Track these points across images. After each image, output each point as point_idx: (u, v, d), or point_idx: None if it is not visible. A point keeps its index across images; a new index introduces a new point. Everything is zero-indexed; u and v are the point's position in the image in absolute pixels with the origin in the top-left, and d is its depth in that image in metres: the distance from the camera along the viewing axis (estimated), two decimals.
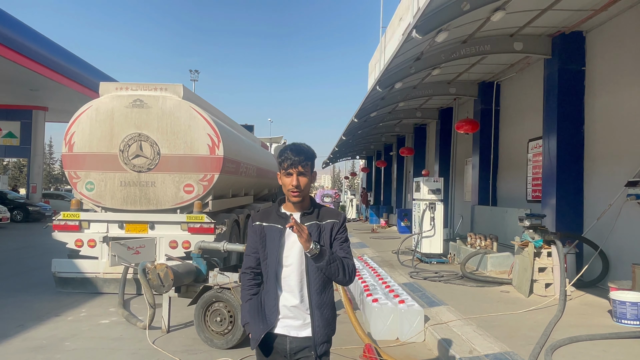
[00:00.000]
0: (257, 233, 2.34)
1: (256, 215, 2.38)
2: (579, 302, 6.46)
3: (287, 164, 2.21)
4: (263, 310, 2.31)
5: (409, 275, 8.42)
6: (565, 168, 8.03)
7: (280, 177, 2.28)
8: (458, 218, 13.61)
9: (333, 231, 2.30)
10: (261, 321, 2.29)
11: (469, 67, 10.04)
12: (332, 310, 2.35)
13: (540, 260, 6.79)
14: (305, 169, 2.23)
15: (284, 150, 2.27)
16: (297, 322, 2.27)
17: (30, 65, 16.54)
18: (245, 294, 2.39)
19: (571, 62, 8.08)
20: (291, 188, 2.22)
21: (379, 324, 5.39)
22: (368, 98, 10.07)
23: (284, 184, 2.25)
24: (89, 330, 5.58)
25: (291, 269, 2.26)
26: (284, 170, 2.24)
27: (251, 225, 2.37)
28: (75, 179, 7.74)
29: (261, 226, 2.33)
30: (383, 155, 25.30)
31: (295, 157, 2.21)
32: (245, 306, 2.38)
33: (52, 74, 17.95)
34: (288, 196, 2.27)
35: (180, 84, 7.81)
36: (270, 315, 2.27)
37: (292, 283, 2.26)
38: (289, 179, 2.22)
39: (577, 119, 8.06)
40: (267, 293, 2.30)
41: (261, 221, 2.34)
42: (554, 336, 4.77)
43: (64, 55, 18.99)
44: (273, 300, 2.27)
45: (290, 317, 2.27)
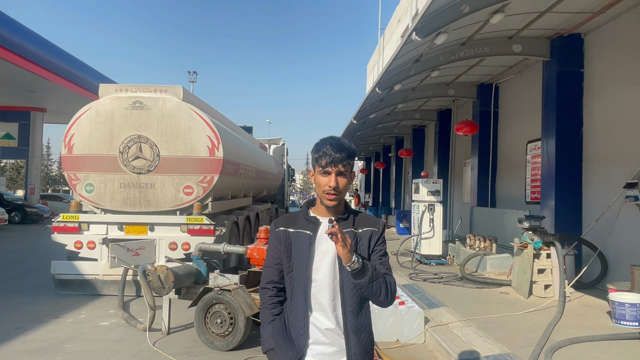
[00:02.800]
0: (280, 241, 1.98)
1: (280, 220, 2.04)
2: (578, 304, 6.48)
3: (326, 161, 1.88)
4: (289, 333, 1.94)
5: (408, 276, 8.43)
6: (563, 170, 8.06)
7: (314, 175, 1.95)
8: (457, 219, 13.64)
9: (371, 242, 1.97)
10: (289, 347, 1.92)
11: (467, 69, 10.07)
12: (371, 335, 1.99)
13: (539, 262, 6.81)
14: (346, 168, 1.91)
15: (321, 144, 1.93)
16: (330, 348, 1.91)
17: (28, 66, 16.50)
18: (267, 314, 2.02)
19: (569, 64, 8.12)
20: (327, 189, 1.88)
21: (379, 325, 5.38)
22: (367, 100, 10.09)
23: (319, 184, 1.91)
24: (89, 332, 5.57)
25: (322, 283, 1.91)
26: (320, 168, 1.90)
27: (274, 231, 2.01)
28: (74, 181, 7.73)
29: (286, 232, 1.97)
30: (382, 157, 25.35)
31: (336, 154, 1.89)
32: (267, 329, 2.00)
33: (50, 75, 17.92)
34: (322, 198, 1.92)
35: (180, 86, 7.82)
36: (299, 339, 1.91)
37: (323, 301, 1.91)
38: (326, 179, 1.89)
39: (575, 120, 8.09)
40: (293, 312, 1.94)
41: (286, 227, 1.99)
42: (553, 337, 4.79)
43: (62, 56, 18.96)
44: (302, 321, 1.91)
45: (322, 342, 1.91)
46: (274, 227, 2.03)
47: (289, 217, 2.05)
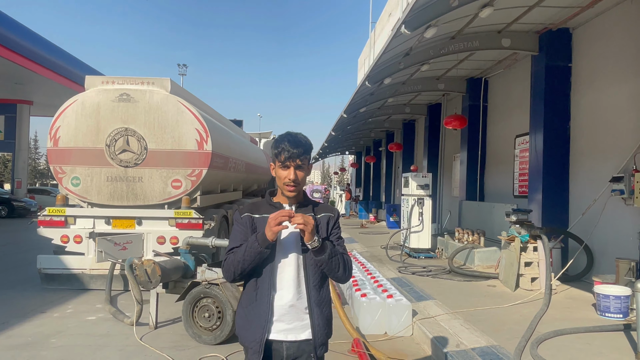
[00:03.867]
0: (247, 225, 2.13)
1: (244, 208, 2.20)
2: (564, 296, 6.56)
3: (285, 156, 2.06)
4: (257, 310, 2.10)
5: (397, 270, 8.47)
6: (551, 164, 8.12)
7: (275, 169, 2.13)
8: (446, 213, 13.73)
9: (329, 225, 2.19)
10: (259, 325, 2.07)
11: (457, 63, 10.09)
12: (330, 309, 2.21)
13: (526, 255, 6.87)
14: (303, 162, 2.10)
15: (280, 141, 2.10)
16: (294, 324, 2.10)
17: (13, 58, 16.22)
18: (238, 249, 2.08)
19: (558, 58, 8.16)
20: (287, 182, 2.08)
21: (367, 318, 5.42)
22: (357, 94, 10.07)
23: (279, 177, 2.10)
24: (75, 327, 5.52)
25: (287, 263, 2.10)
26: (280, 163, 2.08)
27: (239, 217, 2.15)
28: (60, 174, 7.63)
29: (251, 218, 2.14)
30: (372, 151, 25.38)
31: (294, 149, 2.06)
32: (243, 247, 2.06)
33: (36, 67, 17.62)
34: (283, 189, 2.12)
35: (168, 78, 7.73)
36: (263, 316, 2.08)
37: (288, 279, 2.10)
38: (286, 172, 2.08)
39: (563, 115, 8.15)
40: (258, 290, 2.10)
41: (251, 213, 2.16)
42: (539, 329, 4.85)
43: (49, 48, 18.66)
44: (266, 299, 2.08)
45: (286, 319, 2.09)
46: (239, 215, 2.18)
47: (253, 204, 2.22)
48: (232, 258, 2.08)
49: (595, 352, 4.26)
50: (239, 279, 2.11)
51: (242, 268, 2.05)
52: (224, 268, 2.11)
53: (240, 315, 2.16)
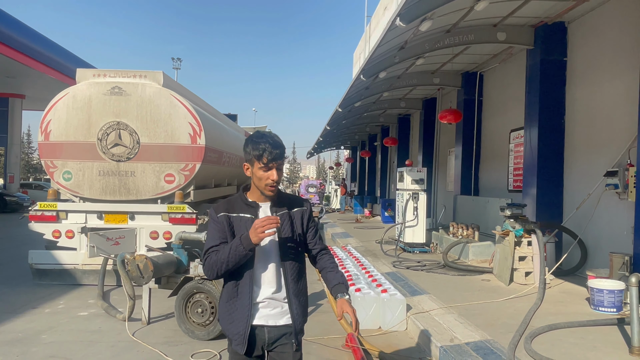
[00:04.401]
0: (223, 224, 2.18)
1: (219, 207, 2.23)
2: (558, 290, 6.57)
3: (268, 158, 2.11)
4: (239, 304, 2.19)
5: (391, 264, 8.45)
6: (545, 158, 8.12)
7: (252, 169, 2.16)
8: (441, 208, 13.73)
9: (304, 219, 2.33)
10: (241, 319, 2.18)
11: (452, 57, 10.03)
12: (307, 298, 2.36)
13: (520, 249, 6.87)
14: (283, 163, 2.20)
15: (257, 142, 2.13)
16: (274, 311, 2.23)
17: (4, 50, 16.01)
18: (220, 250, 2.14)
19: (553, 52, 8.13)
20: (270, 182, 2.15)
21: (361, 313, 5.39)
22: (352, 87, 10.01)
23: (260, 177, 2.14)
24: (66, 322, 5.47)
25: (266, 258, 2.21)
26: (262, 164, 2.12)
27: (215, 216, 2.20)
28: (52, 168, 7.55)
29: (228, 217, 2.19)
30: (367, 146, 25.33)
31: (276, 150, 2.13)
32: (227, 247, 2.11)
33: (28, 61, 17.40)
34: (263, 190, 2.18)
35: (160, 71, 7.65)
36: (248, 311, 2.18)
37: (268, 273, 2.21)
38: (269, 173, 2.14)
39: (558, 109, 8.13)
40: (241, 286, 2.18)
41: (227, 212, 2.20)
42: (533, 324, 4.84)
43: (41, 41, 18.42)
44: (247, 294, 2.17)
45: (267, 307, 2.22)
46: (215, 213, 2.21)
47: (227, 203, 2.26)
48: (214, 258, 2.12)
49: (589, 347, 4.26)
50: (221, 277, 2.18)
51: (226, 268, 2.10)
52: (205, 267, 2.15)
53: (222, 310, 2.25)
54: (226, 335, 2.26)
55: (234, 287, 2.20)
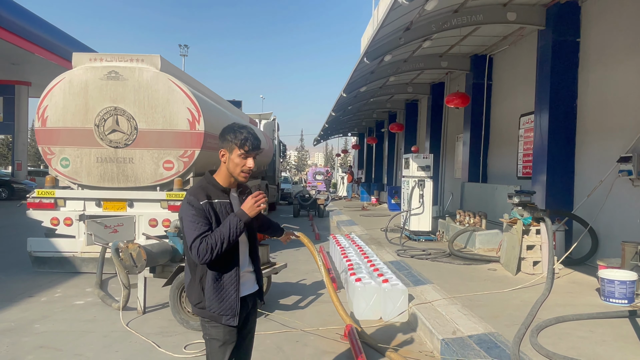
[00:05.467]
0: (208, 211, 2.31)
1: (198, 194, 2.32)
2: (567, 280, 6.35)
3: (249, 147, 2.32)
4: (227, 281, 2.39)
5: (396, 253, 8.28)
6: (556, 143, 7.83)
7: (230, 156, 2.34)
8: (448, 195, 13.48)
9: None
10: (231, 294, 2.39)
11: (461, 39, 9.71)
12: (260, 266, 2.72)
13: (528, 238, 6.64)
14: (259, 154, 2.41)
15: (239, 131, 2.33)
16: (249, 281, 2.54)
17: (8, 37, 15.90)
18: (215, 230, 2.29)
19: (566, 33, 7.79)
20: (246, 169, 2.35)
21: (361, 303, 5.24)
22: (356, 71, 9.73)
23: (237, 164, 2.33)
24: (61, 311, 5.37)
25: (241, 238, 2.42)
26: (242, 152, 2.31)
27: (197, 205, 2.29)
28: (49, 155, 7.43)
29: (210, 203, 2.33)
30: (375, 132, 25.02)
31: (257, 141, 2.35)
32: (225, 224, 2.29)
33: (32, 47, 17.29)
34: (238, 176, 2.37)
35: (158, 55, 7.44)
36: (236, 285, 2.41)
37: (243, 250, 2.49)
38: (247, 161, 2.34)
39: (570, 92, 7.82)
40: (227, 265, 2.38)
41: (208, 198, 2.34)
42: (540, 316, 4.63)
43: (46, 28, 18.29)
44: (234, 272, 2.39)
45: (246, 279, 2.51)
46: (197, 201, 2.30)
47: (202, 190, 2.36)
48: (211, 241, 2.23)
49: (599, 340, 4.06)
50: (216, 257, 2.27)
51: (227, 246, 2.26)
52: (200, 250, 2.21)
53: (210, 290, 2.35)
54: (213, 314, 2.36)
55: (221, 267, 2.36)
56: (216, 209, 2.33)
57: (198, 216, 2.27)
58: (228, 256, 2.36)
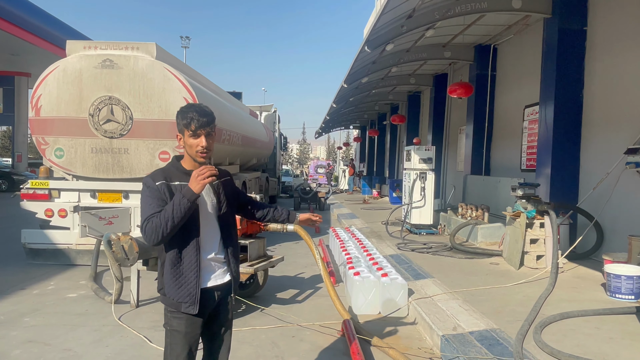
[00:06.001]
0: (164, 192, 2.22)
1: (156, 175, 2.27)
2: (571, 275, 6.19)
3: (195, 125, 2.22)
4: (186, 267, 2.27)
5: (396, 246, 8.13)
6: (561, 134, 7.63)
7: (184, 139, 2.28)
8: (450, 188, 13.31)
9: (232, 186, 2.56)
10: (190, 281, 2.27)
11: (464, 28, 9.48)
12: (239, 257, 2.56)
13: (532, 232, 6.48)
14: (212, 130, 2.29)
15: (186, 111, 2.26)
16: (218, 271, 2.40)
17: (8, 28, 15.74)
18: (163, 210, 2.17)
19: (572, 21, 7.57)
20: (200, 149, 2.25)
21: (360, 298, 5.10)
22: (357, 61, 9.52)
23: (191, 145, 2.26)
24: (53, 304, 5.26)
25: (207, 222, 2.34)
26: (190, 132, 2.23)
27: (153, 185, 2.22)
28: (43, 145, 7.29)
29: (168, 185, 2.24)
30: (377, 125, 24.79)
31: (203, 118, 2.24)
32: (170, 204, 2.16)
33: (31, 37, 17.14)
34: (195, 157, 2.28)
35: (153, 43, 7.27)
36: (196, 272, 2.28)
37: (210, 236, 2.35)
38: (197, 141, 2.25)
39: (576, 82, 7.60)
40: (187, 250, 2.27)
41: (166, 180, 2.26)
42: (544, 312, 4.49)
43: (45, 18, 18.12)
44: (194, 257, 2.27)
45: (212, 269, 2.37)
46: (153, 182, 2.24)
47: (164, 172, 2.31)
48: (156, 220, 2.13)
49: (605, 338, 3.91)
50: (165, 239, 2.16)
51: (172, 225, 2.12)
52: (147, 231, 2.13)
53: (168, 276, 2.27)
54: (172, 301, 2.28)
55: (179, 252, 2.26)
56: (174, 190, 2.22)
57: (151, 197, 2.20)
58: (187, 239, 2.26)
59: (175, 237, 2.22)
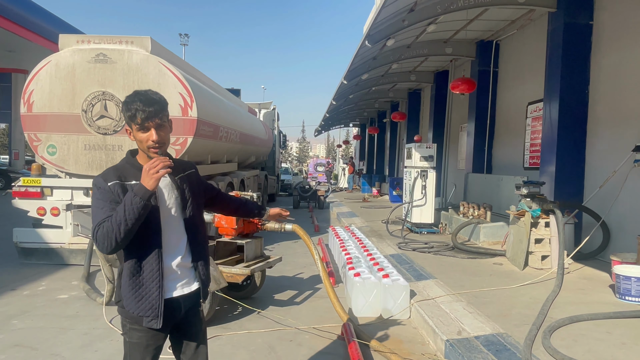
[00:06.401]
0: (117, 194, 1.94)
1: (107, 175, 1.99)
2: (577, 276, 6.02)
3: (141, 117, 1.93)
4: (147, 277, 2.00)
5: (397, 246, 7.96)
6: (566, 131, 7.45)
7: (133, 133, 2.00)
8: (451, 186, 13.14)
9: (198, 179, 2.29)
10: (152, 292, 2.00)
11: (466, 23, 9.29)
12: (208, 260, 2.26)
13: (537, 231, 6.31)
14: (163, 120, 2.00)
15: (130, 102, 1.96)
16: (185, 279, 2.13)
17: (3, 24, 15.51)
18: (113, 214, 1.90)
19: (578, 15, 7.38)
20: (151, 144, 1.97)
21: (360, 299, 4.93)
22: (357, 57, 9.34)
23: (141, 140, 1.98)
24: (43, 306, 5.08)
25: (170, 224, 2.07)
26: (137, 126, 1.96)
27: (105, 186, 1.94)
28: (35, 142, 7.11)
29: (122, 185, 1.96)
30: (377, 123, 24.60)
31: (149, 108, 1.94)
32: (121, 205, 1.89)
33: (29, 34, 16.90)
34: (148, 152, 2.00)
35: (148, 37, 7.07)
36: (158, 282, 2.01)
37: (174, 240, 2.08)
38: (147, 135, 1.97)
39: (581, 78, 7.42)
40: (148, 258, 2.00)
41: (120, 180, 1.98)
42: (551, 315, 4.34)
43: (42, 14, 17.87)
44: (156, 265, 2.00)
45: (178, 276, 2.10)
46: (104, 182, 1.96)
47: (116, 170, 2.03)
48: (107, 225, 1.86)
49: (617, 343, 3.74)
50: (120, 246, 1.90)
51: (126, 229, 1.84)
52: (98, 238, 1.87)
53: (127, 287, 2.00)
54: (132, 315, 2.02)
55: (138, 260, 1.99)
56: (129, 190, 1.93)
57: (103, 200, 1.93)
58: (147, 244, 1.98)
59: (133, 243, 1.94)
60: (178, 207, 2.11)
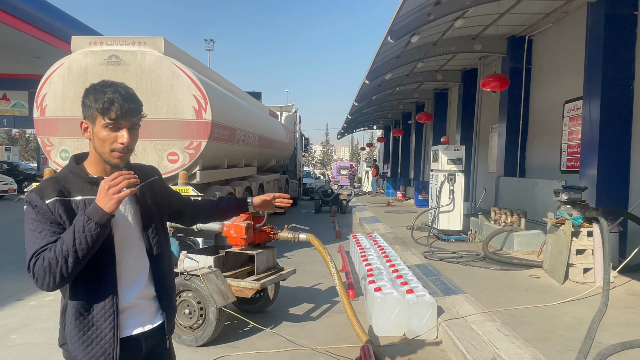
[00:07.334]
0: (58, 214, 1.50)
1: (44, 189, 1.52)
2: (624, 292, 5.42)
3: (117, 112, 1.53)
4: (99, 316, 1.58)
5: (422, 255, 7.47)
6: (609, 132, 6.84)
7: (94, 129, 1.57)
8: (481, 191, 12.50)
9: (162, 187, 1.85)
10: (104, 334, 1.58)
11: (497, 17, 8.74)
12: (174, 284, 1.93)
13: (578, 241, 5.73)
14: (138, 123, 1.62)
15: (102, 91, 1.54)
16: (146, 312, 1.71)
17: (30, 30, 15.76)
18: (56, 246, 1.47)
19: (621, 5, 6.78)
20: (119, 147, 1.56)
21: (381, 317, 4.49)
22: (380, 55, 8.90)
23: (104, 140, 1.55)
24: (46, 319, 4.84)
25: (128, 247, 1.65)
26: (109, 120, 1.54)
27: (41, 205, 1.49)
28: (48, 147, 6.99)
29: (65, 202, 1.52)
30: (401, 124, 24.03)
31: (131, 104, 1.57)
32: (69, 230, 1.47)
33: (52, 40, 17.15)
34: (108, 157, 1.58)
35: (161, 37, 6.85)
36: (113, 322, 1.59)
37: (132, 267, 1.65)
38: (116, 135, 1.56)
39: (625, 73, 6.81)
40: (99, 292, 1.57)
41: (61, 196, 1.52)
42: (599, 339, 3.81)
43: (65, 20, 18.13)
44: (110, 301, 1.57)
45: (137, 310, 1.68)
46: (40, 199, 1.50)
47: (56, 183, 1.56)
48: (50, 256, 1.44)
49: None
50: (65, 281, 1.47)
51: (75, 262, 1.43)
52: (36, 272, 1.45)
53: (72, 328, 1.58)
54: None
55: (88, 296, 1.57)
56: (75, 209, 1.53)
57: (40, 222, 1.49)
58: (98, 276, 1.57)
59: (80, 276, 1.52)
60: (138, 226, 1.69)
